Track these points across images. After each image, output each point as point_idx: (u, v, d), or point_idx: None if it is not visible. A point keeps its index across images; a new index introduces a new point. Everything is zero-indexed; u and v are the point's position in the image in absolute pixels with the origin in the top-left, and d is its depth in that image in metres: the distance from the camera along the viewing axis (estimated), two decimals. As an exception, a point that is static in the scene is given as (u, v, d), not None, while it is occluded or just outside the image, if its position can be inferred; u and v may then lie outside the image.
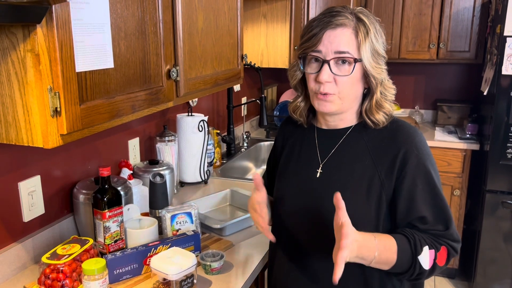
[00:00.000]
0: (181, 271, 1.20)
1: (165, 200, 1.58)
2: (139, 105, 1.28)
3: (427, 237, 1.13)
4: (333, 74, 1.12)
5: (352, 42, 1.11)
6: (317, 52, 1.13)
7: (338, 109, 1.17)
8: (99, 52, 1.11)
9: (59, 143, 1.03)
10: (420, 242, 1.11)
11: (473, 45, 3.22)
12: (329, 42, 1.11)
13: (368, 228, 1.13)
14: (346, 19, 1.11)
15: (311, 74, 1.15)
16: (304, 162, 1.27)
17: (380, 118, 1.18)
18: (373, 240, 1.07)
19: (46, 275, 1.21)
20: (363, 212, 1.15)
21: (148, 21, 1.28)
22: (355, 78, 1.14)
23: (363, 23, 1.12)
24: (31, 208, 1.42)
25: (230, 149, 2.69)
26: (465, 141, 3.06)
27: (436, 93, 3.69)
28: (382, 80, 1.16)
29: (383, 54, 1.16)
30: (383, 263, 1.10)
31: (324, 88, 1.13)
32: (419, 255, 1.10)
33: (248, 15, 2.71)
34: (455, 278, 3.31)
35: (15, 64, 1.00)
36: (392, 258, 1.10)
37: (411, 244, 1.10)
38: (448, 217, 1.15)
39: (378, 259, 1.07)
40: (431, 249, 1.12)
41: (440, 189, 1.16)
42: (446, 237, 1.14)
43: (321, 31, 1.11)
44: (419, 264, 1.11)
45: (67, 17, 0.99)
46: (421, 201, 1.13)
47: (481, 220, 2.85)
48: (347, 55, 1.11)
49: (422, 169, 1.14)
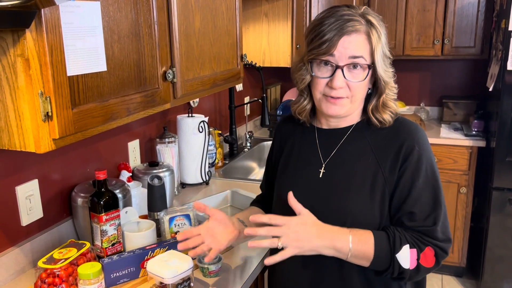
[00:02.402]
0: (177, 275, 1.19)
1: (163, 203, 1.57)
2: (134, 107, 1.27)
3: (410, 236, 1.12)
4: (346, 80, 1.12)
5: (365, 47, 1.11)
6: (329, 56, 1.12)
7: (346, 111, 1.17)
8: (91, 55, 1.10)
9: (52, 148, 1.03)
10: (400, 240, 1.10)
11: (478, 40, 3.18)
12: (344, 48, 1.10)
13: (371, 227, 1.13)
14: (360, 24, 1.10)
15: (322, 79, 1.14)
16: (305, 162, 1.26)
17: (387, 117, 1.18)
18: (347, 232, 1.10)
19: (42, 279, 1.21)
20: (368, 210, 1.14)
21: (142, 23, 1.27)
22: (367, 82, 1.15)
23: (375, 27, 1.12)
24: (29, 212, 1.42)
25: (233, 149, 2.68)
26: (471, 138, 3.03)
27: (441, 90, 3.65)
28: (388, 81, 1.17)
29: (389, 55, 1.17)
30: (361, 257, 1.11)
31: (337, 93, 1.13)
32: (397, 253, 1.10)
33: (249, 14, 2.70)
34: (462, 276, 3.28)
35: (6, 69, 0.99)
36: (369, 253, 1.10)
37: (389, 241, 1.11)
38: (437, 214, 1.13)
39: (354, 251, 1.09)
40: (413, 248, 1.10)
41: (437, 186, 1.15)
42: (431, 235, 1.12)
43: (335, 37, 1.09)
44: (398, 262, 1.10)
45: (56, 21, 0.98)
46: (414, 197, 1.13)
47: (488, 217, 2.82)
48: (361, 60, 1.11)
49: (421, 165, 1.14)
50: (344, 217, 1.14)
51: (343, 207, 1.16)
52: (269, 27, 2.70)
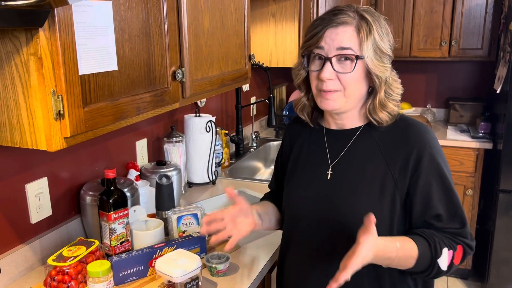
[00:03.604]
0: (186, 274, 1.20)
1: (171, 202, 1.58)
2: (144, 107, 1.27)
3: (444, 237, 1.13)
4: (336, 72, 1.12)
5: (354, 39, 1.11)
6: (319, 49, 1.13)
7: (341, 106, 1.16)
8: (103, 54, 1.11)
9: (63, 146, 1.03)
10: (439, 245, 1.11)
11: (485, 42, 3.17)
12: (331, 39, 1.11)
13: (381, 228, 1.11)
14: (348, 17, 1.11)
15: (314, 72, 1.16)
16: (313, 163, 1.26)
17: (383, 117, 1.17)
18: (395, 248, 1.06)
19: (52, 277, 1.22)
20: (377, 212, 1.11)
21: (153, 23, 1.28)
22: (358, 75, 1.13)
23: (366, 20, 1.11)
24: (38, 209, 1.43)
25: (239, 149, 2.68)
26: (478, 140, 3.02)
27: (448, 91, 3.64)
28: (386, 79, 1.15)
29: (388, 52, 1.15)
30: (401, 266, 1.11)
31: (327, 86, 1.13)
32: (439, 258, 1.11)
33: (256, 15, 2.70)
34: (468, 278, 3.26)
35: (19, 67, 1.00)
36: (410, 263, 1.10)
37: (431, 248, 1.11)
38: (463, 214, 1.16)
39: (396, 264, 1.09)
40: (450, 250, 1.12)
41: (452, 185, 1.17)
42: (462, 235, 1.14)
43: (323, 29, 1.12)
44: (438, 265, 1.11)
45: (69, 20, 0.99)
46: (436, 199, 1.14)
47: (494, 220, 2.81)
48: (349, 51, 1.11)
49: (436, 167, 1.14)
50: (352, 218, 1.14)
51: (351, 209, 1.15)
52: (276, 28, 2.70)
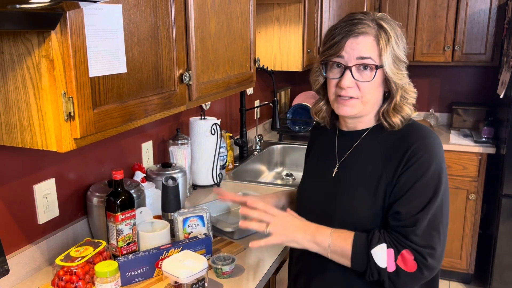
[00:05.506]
0: (192, 275, 1.21)
1: (177, 203, 1.59)
2: (151, 109, 1.29)
3: (390, 236, 1.12)
4: (355, 80, 1.15)
5: (373, 49, 1.14)
6: (339, 58, 1.16)
7: (358, 112, 1.20)
8: (112, 57, 1.12)
9: (73, 147, 1.05)
10: (378, 238, 1.12)
11: (489, 47, 3.18)
12: (351, 49, 1.14)
13: (375, 226, 1.16)
14: (368, 27, 1.14)
15: (333, 80, 1.19)
16: (324, 162, 1.32)
17: (396, 121, 1.19)
18: (329, 228, 1.17)
19: (60, 277, 1.23)
20: (372, 209, 1.17)
21: (161, 26, 1.30)
22: (377, 83, 1.17)
23: (385, 30, 1.15)
24: (45, 210, 1.44)
25: (243, 152, 2.69)
26: (481, 145, 3.02)
27: (451, 96, 3.65)
28: (403, 85, 1.19)
29: (404, 59, 1.19)
30: (340, 254, 1.14)
31: (346, 93, 1.17)
32: (372, 249, 1.10)
33: (261, 19, 2.72)
34: (470, 283, 3.26)
35: (30, 69, 1.02)
36: (347, 249, 1.13)
37: (367, 238, 1.13)
38: (420, 218, 1.10)
39: (333, 246, 1.13)
40: (390, 247, 1.11)
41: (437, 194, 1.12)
42: (407, 237, 1.10)
43: (343, 39, 1.15)
44: (374, 260, 1.10)
45: (80, 23, 1.00)
46: (407, 197, 1.12)
47: (497, 224, 2.81)
48: (369, 61, 1.14)
49: (427, 169, 1.12)
50: (347, 215, 1.19)
51: (347, 206, 1.20)
52: (280, 32, 2.72)
